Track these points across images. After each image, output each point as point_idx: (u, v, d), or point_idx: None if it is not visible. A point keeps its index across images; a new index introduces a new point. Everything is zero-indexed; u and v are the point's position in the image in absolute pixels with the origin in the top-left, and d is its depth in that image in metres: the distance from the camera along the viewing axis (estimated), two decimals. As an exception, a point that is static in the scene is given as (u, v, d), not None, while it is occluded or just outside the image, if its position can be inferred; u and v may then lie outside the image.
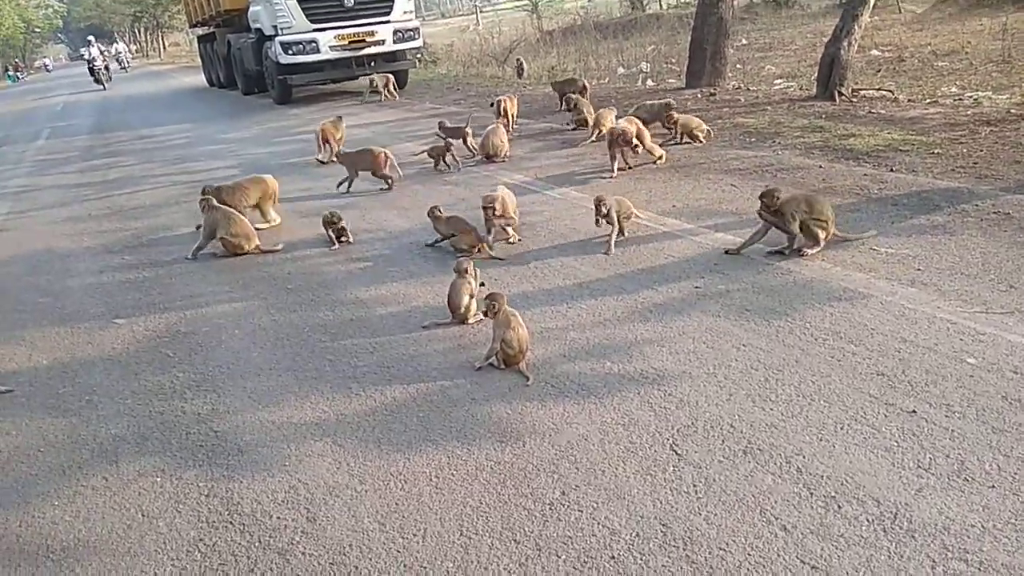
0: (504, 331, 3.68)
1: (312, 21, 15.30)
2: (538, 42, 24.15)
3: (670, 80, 13.70)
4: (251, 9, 16.56)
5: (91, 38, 31.38)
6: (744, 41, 18.29)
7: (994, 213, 5.03)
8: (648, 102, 8.74)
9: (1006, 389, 3.12)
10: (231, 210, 6.03)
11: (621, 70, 16.43)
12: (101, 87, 29.52)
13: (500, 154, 8.34)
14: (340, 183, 7.78)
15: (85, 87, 31.50)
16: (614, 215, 5.17)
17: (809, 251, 4.66)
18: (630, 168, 7.21)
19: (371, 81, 15.13)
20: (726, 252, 4.90)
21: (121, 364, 4.38)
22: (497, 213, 5.38)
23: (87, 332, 4.91)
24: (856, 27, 9.51)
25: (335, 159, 8.69)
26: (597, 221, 5.17)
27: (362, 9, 15.64)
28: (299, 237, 6.32)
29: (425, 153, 8.45)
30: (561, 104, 10.53)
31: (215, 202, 6.04)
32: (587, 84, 10.89)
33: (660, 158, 7.28)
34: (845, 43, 9.43)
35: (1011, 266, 4.23)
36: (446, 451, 3.17)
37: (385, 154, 7.63)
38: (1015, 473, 2.63)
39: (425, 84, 17.44)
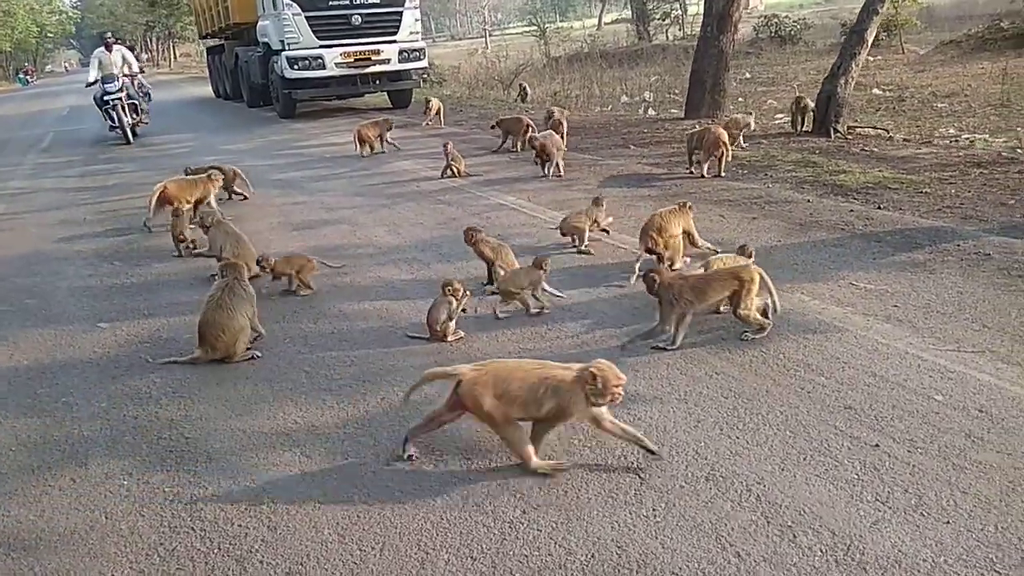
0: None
1: (319, 37, 15.48)
2: (544, 67, 24.40)
3: (672, 110, 13.83)
4: (260, 23, 16.77)
5: (110, 37, 15.11)
6: (748, 75, 18.48)
7: (975, 254, 5.07)
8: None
9: (970, 427, 3.13)
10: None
11: (624, 98, 16.60)
12: (124, 140, 14.18)
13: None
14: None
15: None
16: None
17: None
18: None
19: (427, 101, 14.35)
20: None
21: (100, 368, 4.40)
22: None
23: (70, 335, 4.94)
24: (854, 65, 9.65)
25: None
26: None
27: (369, 28, 15.84)
28: (290, 249, 6.34)
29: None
30: (504, 140, 10.41)
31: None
32: (532, 123, 10.25)
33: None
34: (842, 81, 9.57)
35: (986, 306, 4.26)
36: (412, 466, 3.18)
37: (235, 171, 8.37)
38: (971, 510, 2.64)
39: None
